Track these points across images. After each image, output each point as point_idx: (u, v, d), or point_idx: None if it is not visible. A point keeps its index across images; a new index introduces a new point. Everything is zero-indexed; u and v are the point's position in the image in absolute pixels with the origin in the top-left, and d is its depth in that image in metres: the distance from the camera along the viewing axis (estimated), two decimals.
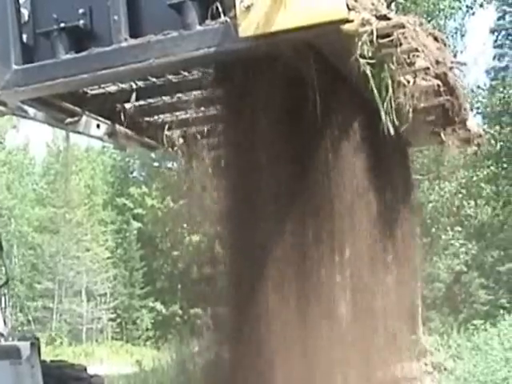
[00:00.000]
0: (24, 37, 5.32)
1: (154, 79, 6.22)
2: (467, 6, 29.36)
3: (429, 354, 21.06)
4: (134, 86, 6.34)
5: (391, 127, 5.00)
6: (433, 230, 31.51)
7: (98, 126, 7.30)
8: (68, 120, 6.90)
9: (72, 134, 7.74)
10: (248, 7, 4.45)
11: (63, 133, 8.07)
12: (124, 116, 6.74)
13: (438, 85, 5.49)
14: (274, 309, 5.37)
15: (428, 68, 5.19)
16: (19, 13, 5.28)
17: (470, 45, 37.16)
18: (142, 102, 6.77)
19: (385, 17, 4.70)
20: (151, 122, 7.22)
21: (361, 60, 4.59)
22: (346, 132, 5.37)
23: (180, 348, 25.08)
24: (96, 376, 8.84)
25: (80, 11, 5.14)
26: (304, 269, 5.39)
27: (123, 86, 6.35)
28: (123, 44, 5.01)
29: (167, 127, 6.66)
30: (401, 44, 4.78)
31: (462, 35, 32.40)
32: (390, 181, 6.47)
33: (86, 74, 5.08)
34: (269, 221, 5.47)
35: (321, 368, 5.39)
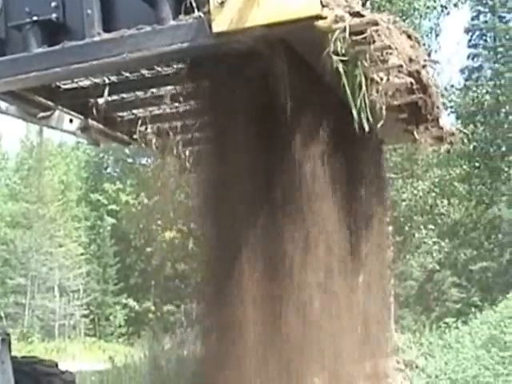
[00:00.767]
0: None
1: (128, 74, 6.19)
2: (442, 6, 29.40)
3: (401, 352, 21.12)
4: (107, 81, 6.31)
5: (364, 125, 5.00)
6: (406, 229, 31.60)
7: (71, 121, 7.26)
8: (40, 114, 6.85)
9: (46, 129, 7.69)
10: (222, 3, 4.46)
11: (37, 127, 8.03)
12: (97, 111, 6.70)
13: (411, 83, 5.49)
14: (247, 306, 5.37)
15: (401, 66, 5.18)
16: None
17: (445, 44, 37.50)
18: (115, 97, 6.74)
19: (358, 14, 4.71)
20: (124, 117, 7.19)
21: (334, 57, 4.59)
22: (319, 129, 5.36)
23: (153, 344, 25.08)
24: (67, 372, 8.77)
25: (53, 4, 5.11)
26: (277, 266, 5.39)
27: (96, 81, 6.31)
28: (96, 38, 4.99)
29: (140, 122, 6.63)
30: (374, 41, 4.79)
31: (437, 35, 32.48)
32: (363, 178, 6.48)
33: (59, 68, 5.05)
34: (242, 217, 5.46)
35: (293, 364, 5.39)
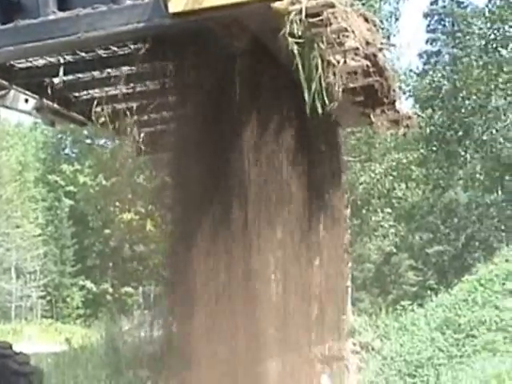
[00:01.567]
0: None
1: (83, 53, 6.12)
2: None
3: (357, 334, 21.30)
4: (63, 61, 6.22)
5: (320, 107, 5.00)
6: (363, 212, 31.74)
7: (27, 101, 7.17)
8: None
9: (2, 110, 7.60)
10: None
11: None
12: (52, 91, 6.61)
13: (368, 65, 5.50)
14: (205, 287, 5.38)
15: (358, 48, 5.19)
16: None
17: (404, 29, 37.61)
18: (71, 77, 6.66)
19: None
20: (80, 98, 7.11)
21: (289, 39, 4.59)
22: (274, 110, 5.37)
23: (110, 326, 25.03)
24: (21, 353, 8.73)
25: None
26: (234, 248, 5.40)
27: (51, 60, 6.22)
28: (51, 17, 4.95)
29: (96, 103, 6.56)
30: (331, 24, 4.79)
31: (396, 19, 32.62)
32: (320, 161, 6.48)
33: (12, 47, 5.00)
34: (201, 199, 5.46)
35: (249, 346, 5.41)
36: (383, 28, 28.73)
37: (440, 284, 27.56)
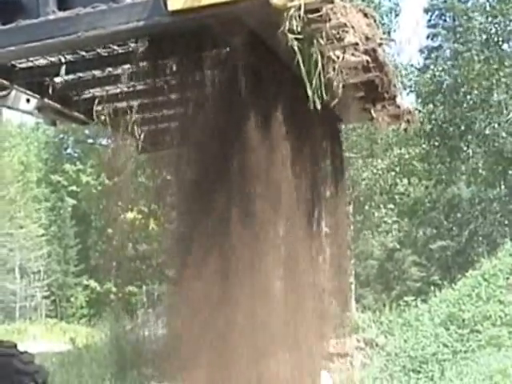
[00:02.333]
0: None
1: (84, 53, 6.14)
2: None
3: (361, 331, 21.33)
4: (63, 60, 6.24)
5: (320, 103, 5.01)
6: (366, 208, 31.78)
7: (28, 101, 7.19)
8: None
9: (5, 110, 7.62)
10: None
11: None
12: (53, 90, 6.63)
13: (368, 61, 5.50)
14: (209, 285, 5.38)
15: (357, 44, 5.20)
16: None
17: (404, 24, 37.66)
18: (72, 76, 6.68)
19: None
20: (81, 97, 7.13)
21: (289, 35, 4.59)
22: (275, 107, 5.37)
23: (114, 325, 25.08)
24: (26, 353, 8.76)
25: None
26: (238, 245, 5.39)
27: (52, 60, 6.24)
28: (51, 16, 4.96)
29: (97, 102, 6.58)
30: (330, 19, 4.80)
31: (397, 14, 32.71)
32: (322, 157, 6.49)
33: (13, 47, 5.01)
34: (203, 195, 5.46)
35: (255, 343, 5.41)
36: (383, 24, 28.76)
37: (444, 279, 27.54)
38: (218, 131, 5.39)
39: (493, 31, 38.07)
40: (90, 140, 49.79)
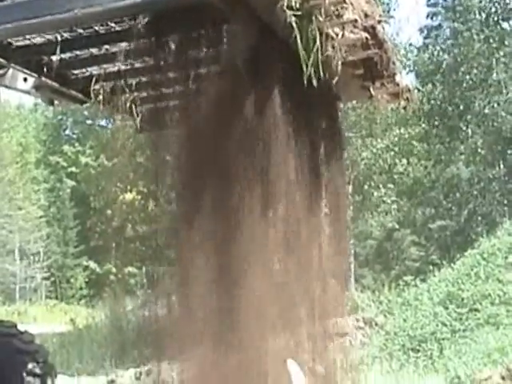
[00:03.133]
0: None
1: (81, 30, 6.10)
2: None
3: (360, 310, 21.39)
4: (60, 38, 6.19)
5: (319, 80, 4.97)
6: (365, 188, 31.81)
7: (25, 80, 7.14)
8: None
9: (3, 91, 7.58)
10: None
11: None
12: (50, 69, 6.59)
13: (367, 38, 5.45)
14: (207, 265, 5.38)
15: (356, 20, 5.15)
16: None
17: (404, 3, 37.48)
18: (69, 54, 6.63)
19: None
20: (79, 75, 7.09)
21: (288, 11, 4.56)
22: (274, 85, 5.34)
23: (114, 306, 25.14)
24: (26, 332, 8.76)
25: None
26: (238, 225, 5.39)
27: (49, 38, 6.20)
28: None
29: (95, 80, 6.54)
30: None
31: None
32: (321, 136, 6.46)
33: (10, 24, 4.97)
34: (202, 175, 5.45)
35: (251, 324, 5.41)
36: (383, 2, 28.65)
37: (443, 259, 27.53)
38: (217, 110, 5.37)
39: (492, 10, 38.02)
40: (89, 121, 49.84)
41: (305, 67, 4.87)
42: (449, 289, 19.71)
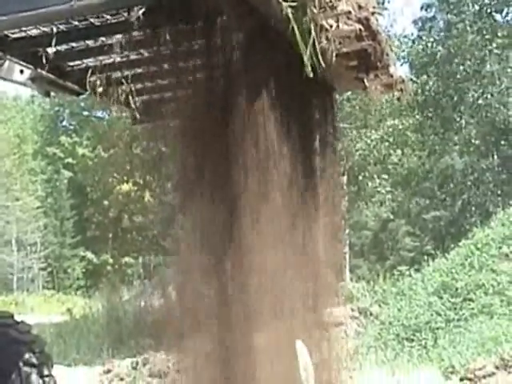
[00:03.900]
0: None
1: (76, 22, 6.13)
2: None
3: (355, 300, 21.44)
4: (56, 30, 6.22)
5: (314, 71, 5.02)
6: (359, 178, 31.81)
7: (22, 72, 7.17)
8: None
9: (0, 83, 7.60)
10: None
11: None
12: (47, 60, 6.61)
13: (360, 29, 5.49)
14: (202, 256, 5.42)
15: (350, 12, 5.18)
16: None
17: None
18: (65, 46, 6.67)
19: None
20: (75, 67, 7.13)
21: (283, 3, 4.60)
22: (269, 76, 5.38)
23: (111, 296, 25.16)
24: (22, 322, 8.80)
25: None
26: (232, 217, 5.43)
27: (45, 30, 6.23)
28: None
29: (91, 72, 6.58)
30: None
31: None
32: (315, 126, 6.50)
33: (6, 16, 5.01)
34: (198, 166, 5.49)
35: (246, 314, 5.45)
36: None
37: (437, 249, 27.58)
38: (212, 101, 5.41)
39: (486, 2, 38.04)
40: (86, 112, 49.76)
41: (301, 58, 4.90)
42: (443, 279, 19.72)
